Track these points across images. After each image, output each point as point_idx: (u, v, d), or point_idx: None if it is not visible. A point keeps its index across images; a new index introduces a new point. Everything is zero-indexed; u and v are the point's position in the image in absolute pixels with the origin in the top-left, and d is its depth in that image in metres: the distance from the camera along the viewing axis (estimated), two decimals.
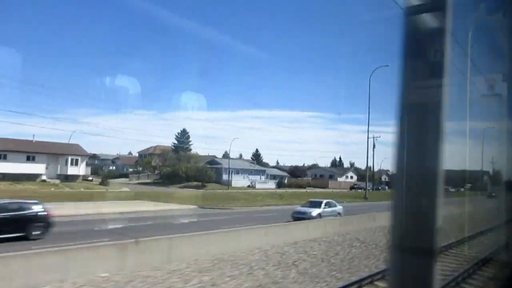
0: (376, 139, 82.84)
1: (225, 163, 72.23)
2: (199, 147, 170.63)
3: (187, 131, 69.80)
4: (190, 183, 64.03)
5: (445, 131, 1.75)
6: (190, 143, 69.90)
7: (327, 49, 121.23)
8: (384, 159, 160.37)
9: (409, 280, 1.79)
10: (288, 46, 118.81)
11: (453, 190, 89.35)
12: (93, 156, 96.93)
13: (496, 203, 42.09)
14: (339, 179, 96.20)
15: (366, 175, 54.52)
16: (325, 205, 23.57)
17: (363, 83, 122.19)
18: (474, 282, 11.27)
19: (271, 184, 72.93)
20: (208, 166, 69.64)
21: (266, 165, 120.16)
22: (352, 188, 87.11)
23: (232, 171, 69.61)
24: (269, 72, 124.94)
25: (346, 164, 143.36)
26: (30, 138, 47.53)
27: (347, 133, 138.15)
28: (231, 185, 65.78)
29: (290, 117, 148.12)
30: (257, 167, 78.05)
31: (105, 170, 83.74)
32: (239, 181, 68.68)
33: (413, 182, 1.80)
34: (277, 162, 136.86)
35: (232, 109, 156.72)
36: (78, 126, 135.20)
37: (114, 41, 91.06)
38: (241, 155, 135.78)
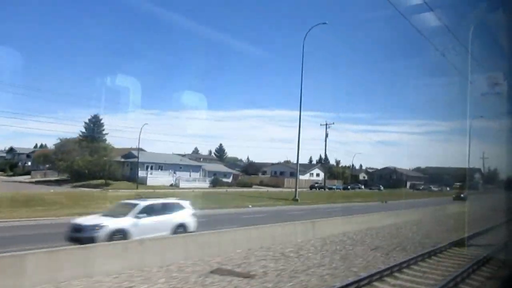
0: (329, 127, 70.41)
1: (147, 157, 59.43)
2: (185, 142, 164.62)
3: (100, 117, 57.15)
4: (92, 181, 51.28)
5: None
6: (103, 132, 57.21)
7: (327, 49, 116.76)
8: (356, 154, 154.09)
9: None
10: (288, 46, 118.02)
11: (436, 189, 76.35)
12: (10, 150, 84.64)
13: (462, 208, 29.10)
14: (301, 177, 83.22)
15: (297, 172, 41.70)
16: None
17: (363, 82, 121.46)
18: None
19: (205, 182, 60.03)
20: (123, 160, 56.87)
21: (237, 162, 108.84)
22: (312, 187, 74.20)
23: (150, 166, 56.81)
24: (269, 71, 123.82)
25: (332, 162, 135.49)
26: None
27: (346, 132, 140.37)
28: (145, 183, 53.02)
29: (290, 116, 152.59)
30: (189, 161, 64.87)
31: (20, 165, 71.21)
32: (160, 178, 55.77)
33: None
34: (248, 159, 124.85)
35: (233, 108, 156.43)
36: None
37: (114, 41, 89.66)
38: (210, 152, 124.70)
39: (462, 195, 43.29)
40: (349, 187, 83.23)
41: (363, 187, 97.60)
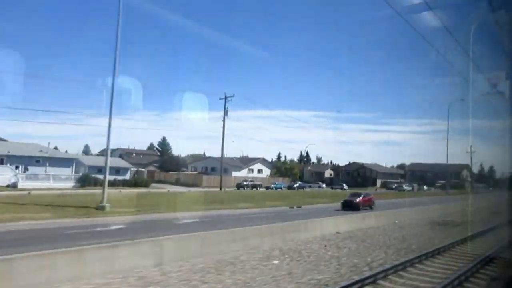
0: (229, 100, 53.76)
1: None
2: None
3: None
4: None
5: None
6: None
7: (327, 49, 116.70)
8: (310, 145, 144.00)
9: None
10: (288, 46, 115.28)
11: (408, 188, 60.11)
12: None
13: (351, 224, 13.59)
14: (236, 174, 67.56)
15: (105, 169, 26.14)
16: None
17: (367, 82, 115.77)
18: None
19: (68, 181, 44.50)
20: None
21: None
22: (240, 186, 58.34)
23: None
24: (269, 71, 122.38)
25: (313, 159, 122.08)
26: None
27: (347, 132, 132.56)
28: None
29: (291, 116, 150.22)
30: (53, 153, 48.65)
31: None
32: None
33: None
34: (204, 154, 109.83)
35: (234, 109, 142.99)
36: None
37: (113, 41, 77.93)
38: (150, 144, 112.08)
39: (356, 201, 26.66)
40: (295, 186, 67.26)
41: (324, 185, 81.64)
